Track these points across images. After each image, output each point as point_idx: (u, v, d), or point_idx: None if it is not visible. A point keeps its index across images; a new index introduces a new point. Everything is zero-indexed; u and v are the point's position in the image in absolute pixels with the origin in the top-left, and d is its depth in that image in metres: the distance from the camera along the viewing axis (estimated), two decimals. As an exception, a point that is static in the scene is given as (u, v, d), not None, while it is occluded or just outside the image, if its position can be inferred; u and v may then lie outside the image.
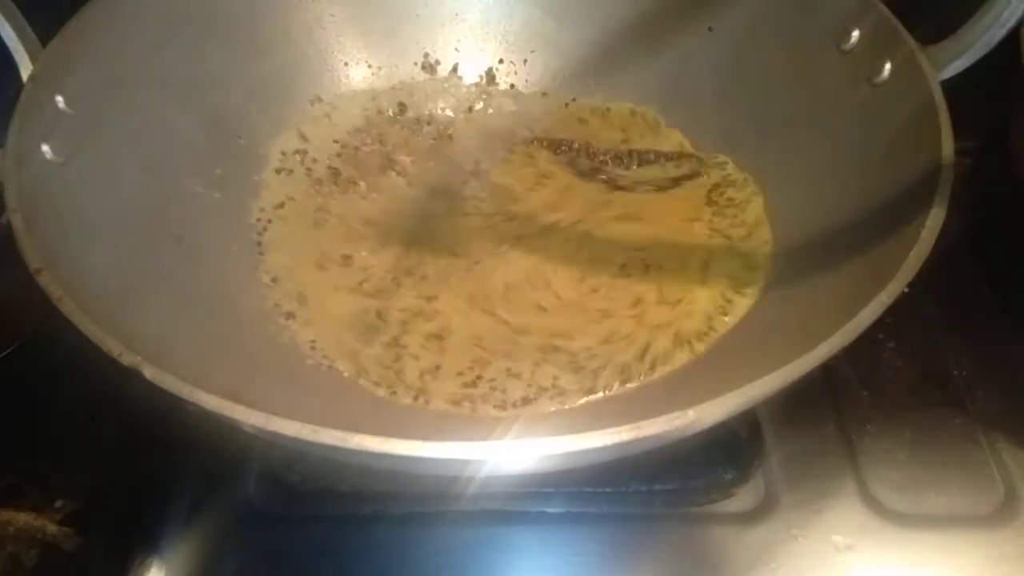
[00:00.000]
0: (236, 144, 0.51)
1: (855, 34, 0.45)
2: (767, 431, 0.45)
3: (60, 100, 0.40)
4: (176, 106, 0.48)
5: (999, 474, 0.44)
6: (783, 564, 0.41)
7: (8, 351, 0.48)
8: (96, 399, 0.44)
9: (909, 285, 0.32)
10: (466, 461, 0.27)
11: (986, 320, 0.51)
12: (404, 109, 0.58)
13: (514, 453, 0.26)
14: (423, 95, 0.58)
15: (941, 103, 0.38)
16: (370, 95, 0.58)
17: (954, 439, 0.45)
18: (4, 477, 0.43)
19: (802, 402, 0.46)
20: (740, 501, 0.43)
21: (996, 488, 0.43)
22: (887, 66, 0.42)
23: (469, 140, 0.57)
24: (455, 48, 0.59)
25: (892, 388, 0.48)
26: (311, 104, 0.56)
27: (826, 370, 0.46)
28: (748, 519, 0.42)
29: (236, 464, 0.44)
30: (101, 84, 0.43)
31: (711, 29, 0.53)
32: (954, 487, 0.43)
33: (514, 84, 0.59)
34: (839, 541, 0.41)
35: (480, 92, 0.59)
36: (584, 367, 0.44)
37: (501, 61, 0.59)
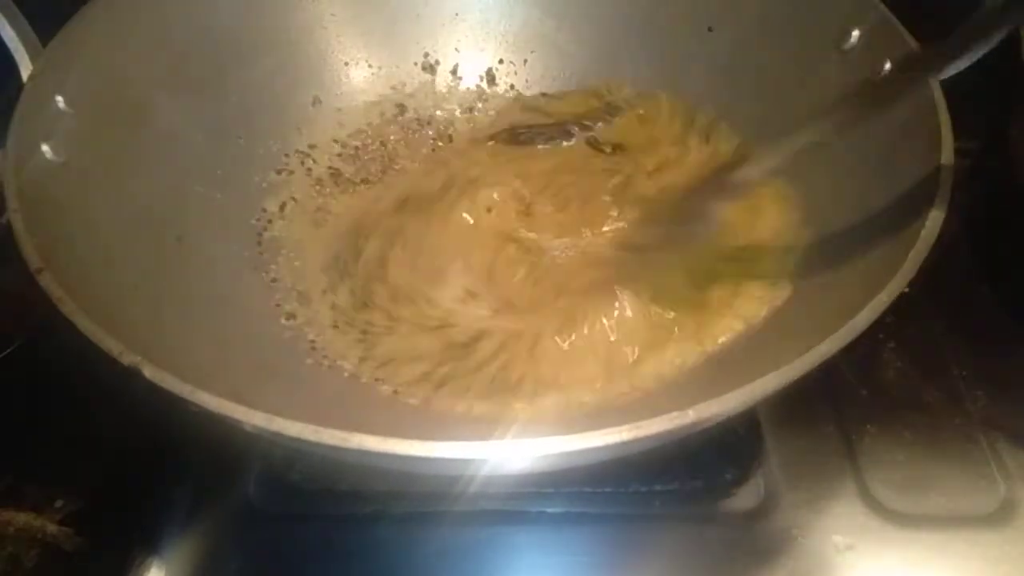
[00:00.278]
0: (236, 144, 0.51)
1: (855, 34, 0.45)
2: (767, 431, 0.45)
3: (60, 100, 0.40)
4: (176, 106, 0.48)
5: (999, 474, 0.44)
6: (783, 564, 0.41)
7: (8, 351, 0.48)
8: (96, 399, 0.44)
9: (909, 285, 0.32)
10: (466, 461, 0.27)
11: (986, 320, 0.51)
12: (404, 109, 0.58)
13: (514, 453, 0.26)
14: (423, 95, 0.58)
15: (941, 103, 0.38)
16: (370, 95, 0.58)
17: (954, 439, 0.45)
18: (4, 477, 0.43)
19: (802, 402, 0.46)
20: (740, 501, 0.43)
21: (996, 488, 0.43)
22: (887, 66, 0.42)
23: (469, 140, 0.57)
24: (455, 48, 0.59)
25: (892, 388, 0.48)
26: (311, 104, 0.56)
27: (826, 370, 0.46)
28: (748, 519, 0.42)
29: (236, 464, 0.44)
30: (101, 84, 0.43)
31: (711, 29, 0.53)
32: (954, 487, 0.43)
33: (514, 84, 0.59)
34: (839, 541, 0.41)
35: (480, 92, 0.59)
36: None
37: (501, 61, 0.59)
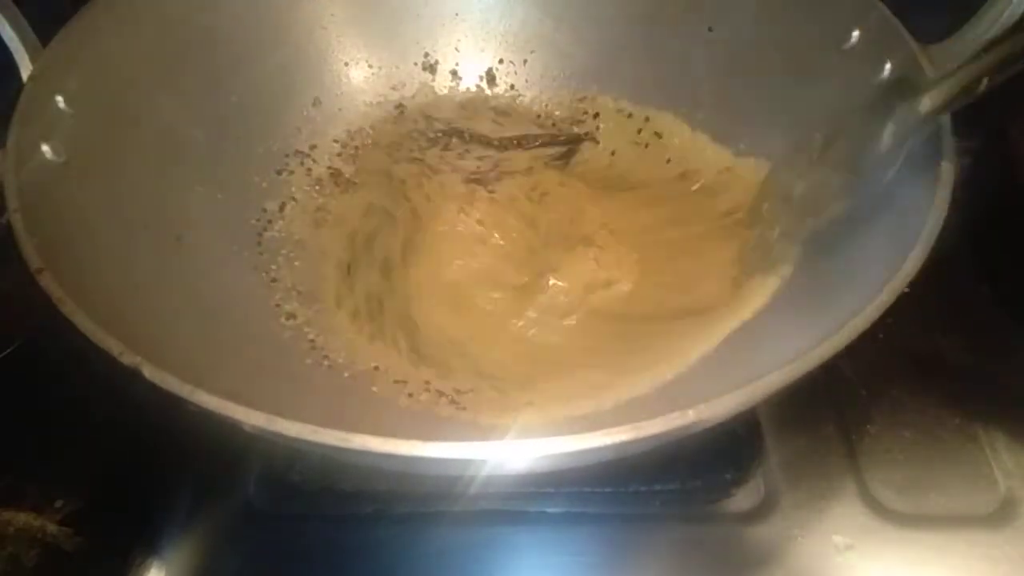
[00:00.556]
0: (236, 144, 0.51)
1: (855, 34, 0.45)
2: (767, 431, 0.45)
3: (60, 100, 0.40)
4: (176, 106, 0.48)
5: (999, 474, 0.44)
6: (783, 564, 0.41)
7: (8, 351, 0.48)
8: (96, 399, 0.44)
9: (909, 285, 0.32)
10: (467, 461, 0.27)
11: (986, 319, 0.51)
12: (404, 109, 0.58)
13: (514, 453, 0.26)
14: (423, 95, 0.58)
15: (941, 103, 0.38)
16: (370, 95, 0.58)
17: (954, 439, 0.45)
18: (4, 477, 0.43)
19: (802, 402, 0.46)
20: (740, 501, 0.43)
21: (996, 488, 0.43)
22: (887, 66, 0.42)
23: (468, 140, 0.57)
24: (455, 48, 0.59)
25: (892, 388, 0.48)
26: (311, 104, 0.56)
27: (826, 370, 0.46)
28: (748, 519, 0.42)
29: (236, 464, 0.44)
30: (101, 84, 0.43)
31: (711, 29, 0.53)
32: (954, 487, 0.43)
33: (514, 84, 0.59)
34: (839, 541, 0.41)
35: (480, 92, 0.59)
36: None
37: (501, 61, 0.59)
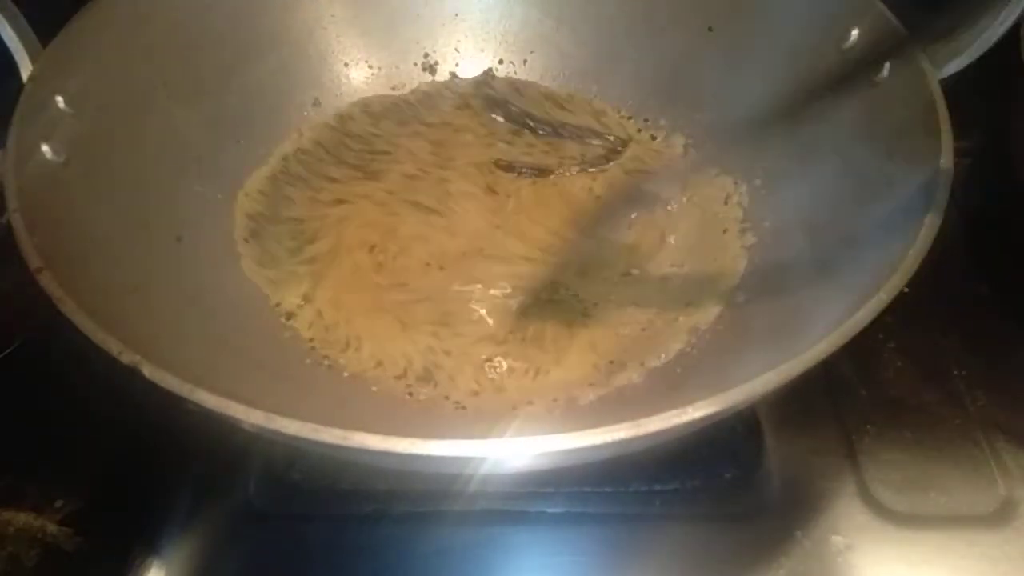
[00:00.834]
0: (236, 144, 0.51)
1: (855, 34, 0.45)
2: (767, 431, 0.45)
3: (60, 100, 0.40)
4: (176, 106, 0.48)
5: (999, 474, 0.44)
6: (783, 564, 0.40)
7: (8, 351, 0.48)
8: (96, 399, 0.44)
9: (909, 285, 0.32)
10: (466, 459, 0.27)
11: (986, 320, 0.51)
12: (404, 110, 0.58)
13: (513, 451, 0.26)
14: (423, 95, 0.58)
15: (941, 103, 0.38)
16: (370, 95, 0.58)
17: (954, 439, 0.45)
18: (4, 477, 0.43)
19: (802, 402, 0.46)
20: (740, 501, 0.43)
21: (996, 488, 0.43)
22: (887, 66, 0.42)
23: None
24: (455, 48, 0.59)
25: (892, 388, 0.48)
26: (311, 105, 0.56)
27: (826, 369, 0.46)
28: (748, 519, 0.42)
29: (236, 464, 0.44)
30: (101, 84, 0.43)
31: (711, 29, 0.53)
32: (954, 487, 0.43)
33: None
34: (839, 541, 0.41)
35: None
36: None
37: (501, 61, 0.59)
